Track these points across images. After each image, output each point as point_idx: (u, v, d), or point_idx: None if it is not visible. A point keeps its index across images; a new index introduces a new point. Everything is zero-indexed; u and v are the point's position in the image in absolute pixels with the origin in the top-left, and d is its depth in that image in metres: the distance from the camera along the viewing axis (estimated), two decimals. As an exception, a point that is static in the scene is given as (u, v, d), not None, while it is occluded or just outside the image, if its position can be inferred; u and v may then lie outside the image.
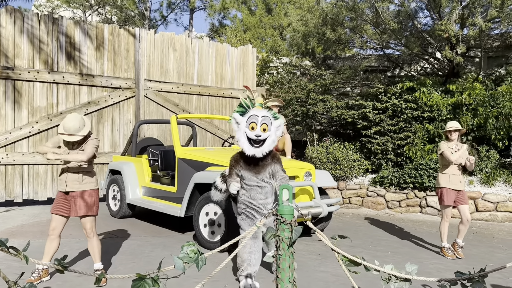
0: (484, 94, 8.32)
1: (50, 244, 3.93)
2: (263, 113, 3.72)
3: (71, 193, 3.90)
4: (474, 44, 9.08)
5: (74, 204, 3.90)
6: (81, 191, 3.90)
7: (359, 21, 9.59)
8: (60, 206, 3.90)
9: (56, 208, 3.90)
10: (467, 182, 8.06)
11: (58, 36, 8.24)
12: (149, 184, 6.76)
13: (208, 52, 10.05)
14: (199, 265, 2.15)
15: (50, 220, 3.94)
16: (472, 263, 4.84)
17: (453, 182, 5.10)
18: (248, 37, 17.24)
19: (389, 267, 2.35)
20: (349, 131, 10.22)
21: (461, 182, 5.14)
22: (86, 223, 3.95)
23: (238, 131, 3.77)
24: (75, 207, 3.89)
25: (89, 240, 4.00)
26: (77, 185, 3.89)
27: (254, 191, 3.83)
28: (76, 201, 3.89)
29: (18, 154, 7.84)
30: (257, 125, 3.67)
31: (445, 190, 5.13)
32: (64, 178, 3.89)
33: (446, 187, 5.12)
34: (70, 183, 3.87)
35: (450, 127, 5.17)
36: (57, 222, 3.92)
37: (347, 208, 8.67)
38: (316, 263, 4.74)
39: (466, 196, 5.19)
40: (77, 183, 3.89)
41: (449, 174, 5.14)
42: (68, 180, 3.87)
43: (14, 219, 6.87)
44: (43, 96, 8.12)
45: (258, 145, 3.70)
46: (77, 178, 3.89)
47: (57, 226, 3.92)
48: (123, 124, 8.99)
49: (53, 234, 3.93)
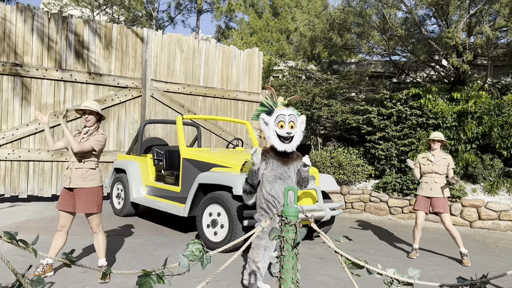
0: (490, 103, 8.32)
1: (57, 240, 3.96)
2: (289, 112, 3.99)
3: (75, 189, 3.91)
4: (481, 52, 9.09)
5: (77, 201, 3.91)
6: (84, 188, 3.89)
7: (366, 27, 9.62)
8: (65, 202, 3.93)
9: (62, 204, 3.93)
10: (470, 190, 8.05)
11: (67, 34, 8.32)
12: (153, 184, 6.80)
13: (215, 54, 10.10)
14: (204, 263, 2.18)
15: (58, 217, 3.97)
16: (474, 271, 4.84)
17: (423, 189, 5.39)
18: (255, 40, 17.30)
19: (391, 270, 2.37)
20: (353, 136, 10.24)
21: (432, 189, 5.30)
22: (92, 220, 3.98)
23: (268, 130, 3.98)
24: (78, 204, 3.91)
25: (95, 236, 4.03)
26: (80, 182, 3.88)
27: (277, 184, 3.91)
28: (79, 198, 3.90)
29: (24, 150, 7.90)
30: (285, 123, 3.92)
31: (417, 196, 5.48)
32: (69, 174, 3.89)
33: (419, 194, 5.44)
34: (74, 179, 3.88)
35: (434, 137, 5.39)
36: (64, 219, 3.95)
37: (349, 213, 8.67)
38: (318, 266, 4.75)
39: (444, 204, 5.27)
40: (80, 180, 3.89)
41: (421, 182, 5.45)
42: (72, 176, 3.88)
43: (18, 214, 6.92)
44: (50, 93, 8.19)
45: (288, 141, 3.94)
46: (80, 174, 3.88)
47: (65, 223, 3.95)
48: (128, 123, 9.05)
49: (61, 230, 3.96)
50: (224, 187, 5.31)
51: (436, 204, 5.29)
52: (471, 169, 8.34)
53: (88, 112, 3.93)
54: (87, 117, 3.95)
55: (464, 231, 7.40)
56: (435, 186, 5.30)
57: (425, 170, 5.38)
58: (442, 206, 5.27)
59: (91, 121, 3.96)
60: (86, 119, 3.95)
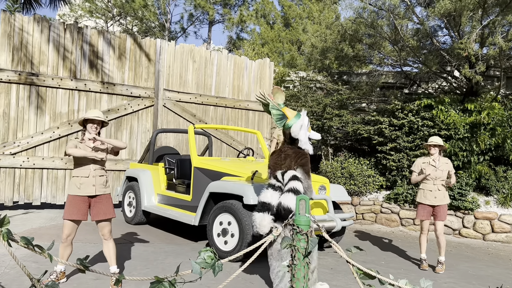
0: (503, 114, 8.25)
1: (65, 251, 3.97)
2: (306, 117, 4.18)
3: (97, 196, 3.98)
4: (494, 63, 9.04)
5: (99, 207, 3.97)
6: (105, 194, 4.04)
7: (378, 37, 9.64)
8: (78, 211, 3.90)
9: (75, 214, 3.88)
10: (483, 202, 7.95)
11: (82, 44, 8.48)
12: (165, 192, 6.85)
13: (227, 64, 10.20)
14: (216, 270, 2.20)
15: (65, 227, 3.91)
16: (487, 284, 4.77)
17: (427, 198, 5.26)
18: (266, 50, 17.42)
19: (403, 281, 2.37)
20: (364, 146, 10.20)
21: (436, 197, 5.21)
22: (106, 226, 4.02)
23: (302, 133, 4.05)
24: (101, 210, 3.97)
25: (106, 243, 4.06)
26: (103, 189, 4.02)
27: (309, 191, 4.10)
28: (101, 205, 3.98)
29: (38, 158, 8.03)
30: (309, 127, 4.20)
31: (419, 205, 5.33)
32: (92, 182, 3.95)
33: (421, 202, 5.30)
34: (98, 186, 3.98)
35: (430, 142, 5.30)
36: (73, 229, 3.94)
37: (360, 224, 8.61)
38: (329, 277, 4.73)
39: (445, 212, 5.24)
40: (103, 186, 4.02)
41: (424, 189, 5.32)
42: (96, 184, 3.96)
43: (32, 221, 7.01)
44: (65, 102, 8.33)
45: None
46: (103, 181, 4.03)
47: (72, 232, 3.95)
48: (141, 132, 9.14)
49: (67, 241, 3.95)
50: (235, 196, 5.33)
51: (439, 212, 5.22)
52: (484, 181, 8.25)
53: (97, 122, 4.04)
54: (96, 126, 4.04)
55: (477, 243, 7.30)
56: (439, 194, 5.22)
57: (427, 176, 5.27)
58: (444, 214, 5.24)
59: (98, 128, 4.08)
60: (95, 128, 4.04)
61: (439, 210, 5.22)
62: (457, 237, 7.68)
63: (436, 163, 5.26)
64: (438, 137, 5.38)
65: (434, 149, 5.30)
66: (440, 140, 5.31)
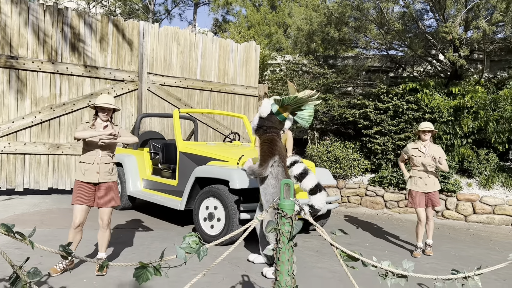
0: (486, 98, 8.36)
1: (75, 237, 3.90)
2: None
3: (101, 184, 3.94)
4: (478, 47, 9.11)
5: (103, 195, 3.93)
6: (111, 182, 3.99)
7: (364, 21, 9.61)
8: (87, 197, 3.88)
9: (84, 199, 3.86)
10: (465, 184, 8.10)
11: (62, 27, 8.27)
12: (150, 177, 6.81)
13: (212, 47, 10.07)
14: (201, 255, 2.19)
15: (74, 212, 3.86)
16: (468, 264, 4.89)
17: (418, 185, 5.15)
18: (252, 33, 17.24)
19: (386, 263, 2.40)
20: (350, 130, 10.26)
21: (427, 184, 5.12)
22: (107, 214, 3.98)
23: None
24: (103, 198, 3.93)
25: (103, 230, 4.01)
26: (108, 176, 3.97)
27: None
28: (105, 192, 3.94)
29: (20, 143, 7.88)
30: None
31: (412, 192, 5.20)
32: (96, 169, 3.90)
33: (412, 189, 5.19)
34: (102, 174, 3.92)
35: (424, 128, 5.16)
36: (79, 213, 3.86)
37: (345, 206, 8.72)
38: (314, 259, 4.78)
39: (436, 199, 5.17)
40: (108, 174, 3.97)
41: (414, 176, 5.20)
42: (100, 171, 3.91)
43: (14, 207, 6.92)
44: (46, 86, 8.15)
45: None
46: (108, 169, 3.97)
47: (80, 217, 3.87)
48: (125, 117, 9.03)
49: (79, 227, 3.89)
50: (221, 181, 5.32)
51: (433, 199, 5.16)
52: (467, 164, 8.39)
53: (107, 109, 3.97)
54: (106, 113, 3.98)
55: (459, 225, 7.46)
56: (429, 181, 5.13)
57: (416, 162, 5.16)
58: (437, 200, 5.18)
59: (108, 116, 4.01)
60: (106, 114, 3.98)
61: (431, 198, 5.15)
62: (440, 219, 7.84)
63: (426, 149, 5.15)
64: (429, 122, 5.27)
65: (427, 135, 5.18)
66: (432, 125, 5.20)
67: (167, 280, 3.78)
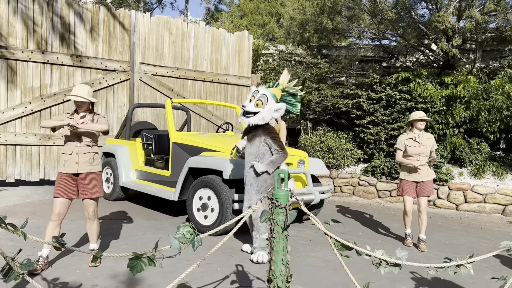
0: (478, 87, 8.40)
1: (54, 230, 3.78)
2: (264, 91, 4.16)
3: (81, 175, 3.83)
4: (470, 37, 9.12)
5: (84, 186, 3.83)
6: (92, 172, 3.87)
7: (357, 10, 9.58)
8: (68, 189, 3.78)
9: (64, 191, 3.76)
10: (457, 174, 8.17)
11: (52, 16, 8.14)
12: (143, 168, 6.78)
13: (204, 37, 9.99)
14: (195, 245, 2.19)
15: (54, 205, 3.77)
16: (459, 252, 4.95)
17: (411, 174, 5.14)
18: (245, 23, 17.12)
19: (380, 252, 2.41)
20: (343, 120, 10.28)
21: (420, 174, 5.10)
22: (91, 205, 3.90)
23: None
24: (85, 189, 3.83)
25: (90, 222, 3.95)
26: (88, 167, 3.85)
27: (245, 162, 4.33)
28: (86, 183, 3.83)
29: (10, 134, 7.79)
30: (254, 99, 4.12)
31: (404, 181, 5.17)
32: (75, 159, 3.79)
33: (405, 179, 5.16)
34: (81, 164, 3.82)
35: (421, 117, 5.10)
36: (63, 207, 3.78)
37: (338, 196, 8.76)
38: (308, 248, 4.81)
39: (428, 188, 5.12)
40: (88, 164, 3.84)
41: (408, 166, 5.15)
42: (79, 162, 3.80)
43: (6, 199, 6.86)
44: (36, 76, 8.04)
45: (248, 115, 4.16)
46: (88, 159, 3.85)
47: (63, 211, 3.79)
48: (117, 107, 8.95)
49: (58, 220, 3.78)
50: (214, 171, 5.31)
51: (424, 188, 5.10)
52: (459, 153, 8.45)
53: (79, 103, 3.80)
54: (79, 104, 3.81)
55: (450, 214, 7.53)
56: (422, 170, 5.11)
57: (411, 153, 5.11)
58: (429, 190, 5.12)
59: (83, 108, 3.85)
60: (78, 106, 3.82)
61: (423, 186, 5.11)
62: (432, 208, 7.91)
63: (420, 138, 5.12)
64: (422, 112, 5.24)
65: (423, 124, 5.15)
66: (425, 114, 5.19)
67: (161, 270, 3.78)
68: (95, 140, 3.94)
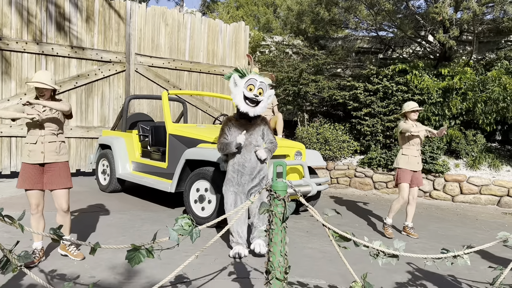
0: (474, 79, 8.40)
1: (38, 224, 3.71)
2: (261, 79, 4.17)
3: (47, 165, 3.68)
4: (467, 28, 9.11)
5: (50, 176, 3.68)
6: (59, 162, 3.73)
7: (354, 1, 9.53)
8: (35, 180, 3.64)
9: (32, 183, 3.63)
10: (453, 165, 8.21)
11: (47, 6, 8.04)
12: (139, 160, 6.76)
13: (200, 28, 9.92)
14: (193, 237, 2.19)
15: (29, 198, 3.67)
16: (455, 243, 4.99)
17: (411, 164, 5.16)
18: (241, 14, 17.01)
19: (377, 243, 2.43)
20: (339, 112, 10.27)
21: (418, 163, 5.20)
22: (63, 197, 3.75)
23: (236, 90, 4.15)
24: (52, 180, 3.69)
25: (63, 214, 3.79)
26: (55, 156, 3.69)
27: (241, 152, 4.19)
28: (53, 174, 3.69)
29: (6, 126, 7.74)
30: (255, 87, 4.10)
31: (402, 170, 5.17)
32: (41, 148, 3.64)
33: (404, 168, 5.16)
34: (47, 154, 3.66)
35: (412, 108, 5.12)
36: (37, 197, 3.67)
37: (335, 188, 8.79)
38: (305, 240, 4.83)
39: (421, 178, 5.26)
40: (55, 154, 3.70)
41: (408, 155, 5.17)
42: (45, 151, 3.65)
43: (2, 191, 6.83)
44: (31, 67, 7.97)
45: (253, 105, 4.12)
46: (54, 148, 3.70)
47: (39, 201, 3.68)
48: (113, 99, 8.90)
49: (38, 212, 3.69)
50: (211, 163, 5.30)
51: (418, 177, 5.21)
52: (455, 145, 8.48)
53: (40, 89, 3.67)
54: (41, 91, 3.67)
55: (446, 205, 7.58)
56: (419, 160, 5.22)
57: (413, 142, 5.16)
58: (421, 179, 5.26)
59: (46, 95, 3.70)
60: (41, 93, 3.68)
61: (417, 176, 5.20)
62: (428, 199, 7.95)
63: (417, 127, 5.19)
64: (414, 102, 5.28)
65: (415, 114, 5.19)
66: (417, 105, 5.22)
67: (160, 262, 3.79)
68: (60, 127, 3.78)
